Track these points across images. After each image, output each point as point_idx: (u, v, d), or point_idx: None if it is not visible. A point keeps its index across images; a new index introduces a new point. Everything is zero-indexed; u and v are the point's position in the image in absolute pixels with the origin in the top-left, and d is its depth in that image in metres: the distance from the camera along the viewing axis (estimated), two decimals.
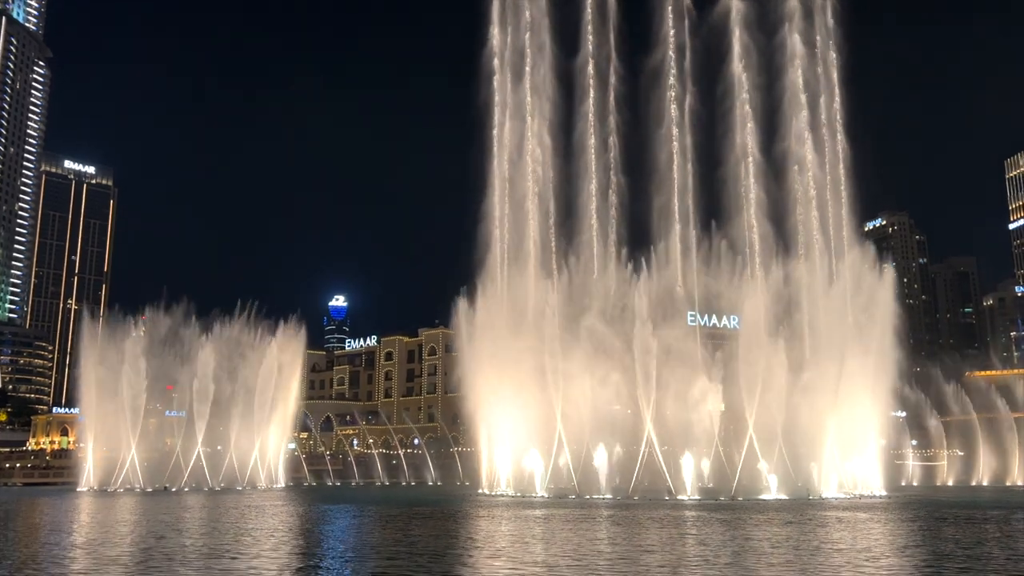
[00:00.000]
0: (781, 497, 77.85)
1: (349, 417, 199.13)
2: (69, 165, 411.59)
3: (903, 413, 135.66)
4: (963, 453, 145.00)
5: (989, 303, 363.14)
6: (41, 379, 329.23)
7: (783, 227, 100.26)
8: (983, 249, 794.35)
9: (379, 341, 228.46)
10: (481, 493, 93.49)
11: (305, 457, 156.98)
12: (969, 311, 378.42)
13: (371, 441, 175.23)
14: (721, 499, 76.05)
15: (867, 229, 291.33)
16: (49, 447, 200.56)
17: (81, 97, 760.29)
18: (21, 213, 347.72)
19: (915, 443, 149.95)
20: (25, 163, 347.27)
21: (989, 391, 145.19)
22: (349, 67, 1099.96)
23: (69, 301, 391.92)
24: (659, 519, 52.08)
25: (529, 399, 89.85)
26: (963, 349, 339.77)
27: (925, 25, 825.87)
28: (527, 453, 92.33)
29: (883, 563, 31.25)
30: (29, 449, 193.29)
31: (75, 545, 39.06)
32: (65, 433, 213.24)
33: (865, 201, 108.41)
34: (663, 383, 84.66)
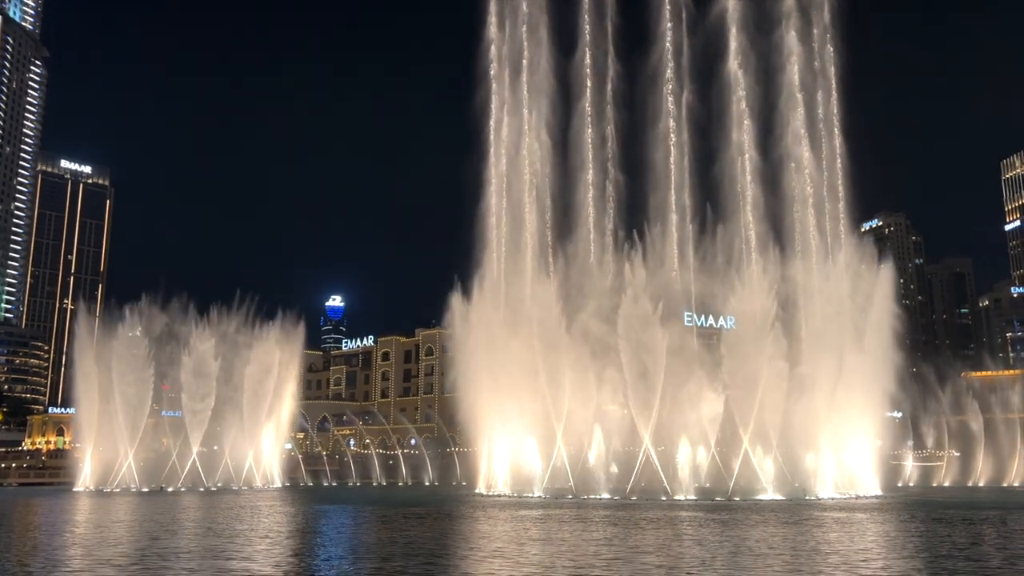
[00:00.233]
0: (778, 498, 77.85)
1: (346, 417, 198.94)
2: (65, 165, 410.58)
3: (899, 414, 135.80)
4: (959, 454, 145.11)
5: (985, 304, 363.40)
6: (37, 379, 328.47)
7: (780, 226, 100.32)
8: (979, 250, 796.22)
9: (376, 341, 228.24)
10: (478, 493, 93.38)
11: (302, 457, 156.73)
12: (965, 312, 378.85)
13: (368, 441, 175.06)
14: (718, 499, 76.04)
15: (864, 229, 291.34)
16: (45, 447, 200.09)
17: (78, 96, 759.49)
18: (17, 212, 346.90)
19: (911, 444, 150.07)
20: (21, 162, 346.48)
21: (985, 392, 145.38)
22: (347, 67, 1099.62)
23: (65, 301, 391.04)
24: (656, 520, 52.03)
25: (525, 399, 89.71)
26: (959, 350, 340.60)
27: (922, 26, 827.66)
28: (524, 453, 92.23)
29: (880, 564, 31.21)
30: (25, 449, 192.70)
31: (69, 545, 38.90)
32: (61, 433, 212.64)
33: (862, 202, 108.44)
34: (660, 383, 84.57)
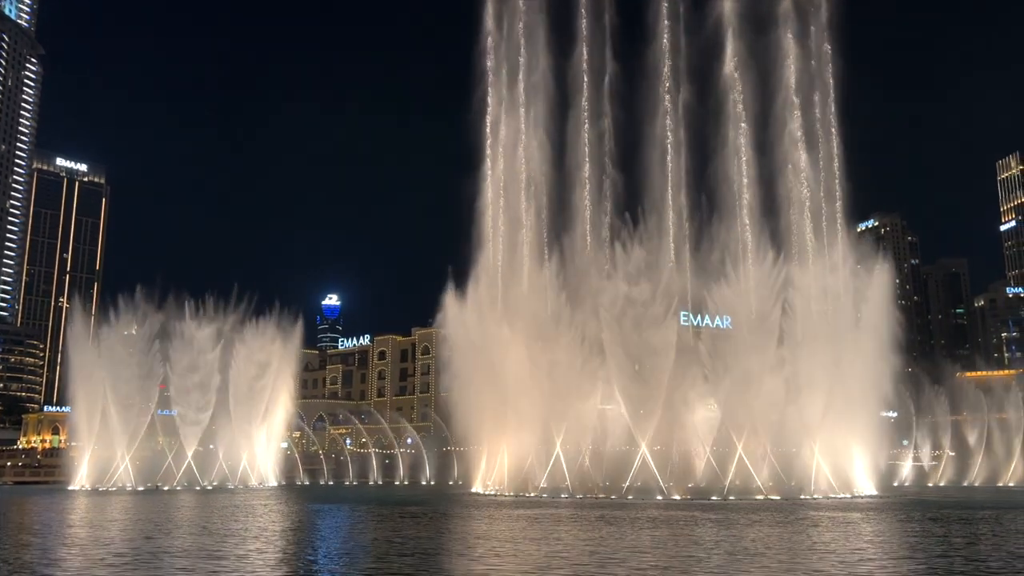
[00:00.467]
0: (773, 497, 77.94)
1: (342, 416, 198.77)
2: (61, 163, 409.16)
3: (894, 414, 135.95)
4: (955, 454, 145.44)
5: (980, 304, 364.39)
6: (32, 377, 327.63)
7: (776, 226, 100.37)
8: (975, 250, 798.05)
9: (372, 340, 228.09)
10: (475, 493, 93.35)
11: (298, 456, 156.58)
12: (960, 312, 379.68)
13: (364, 440, 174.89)
14: (713, 499, 76.11)
15: (860, 230, 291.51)
16: (40, 446, 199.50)
17: (73, 94, 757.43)
18: (12, 211, 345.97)
19: (906, 443, 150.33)
20: (17, 160, 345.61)
21: (980, 392, 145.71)
22: (345, 65, 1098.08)
23: (61, 299, 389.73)
24: (652, 519, 52.04)
25: (521, 398, 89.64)
26: (954, 350, 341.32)
27: (918, 26, 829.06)
28: (521, 452, 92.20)
29: (876, 564, 31.24)
30: (20, 448, 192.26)
31: (63, 544, 38.80)
32: (56, 432, 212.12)
33: (858, 202, 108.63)
34: (656, 383, 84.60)
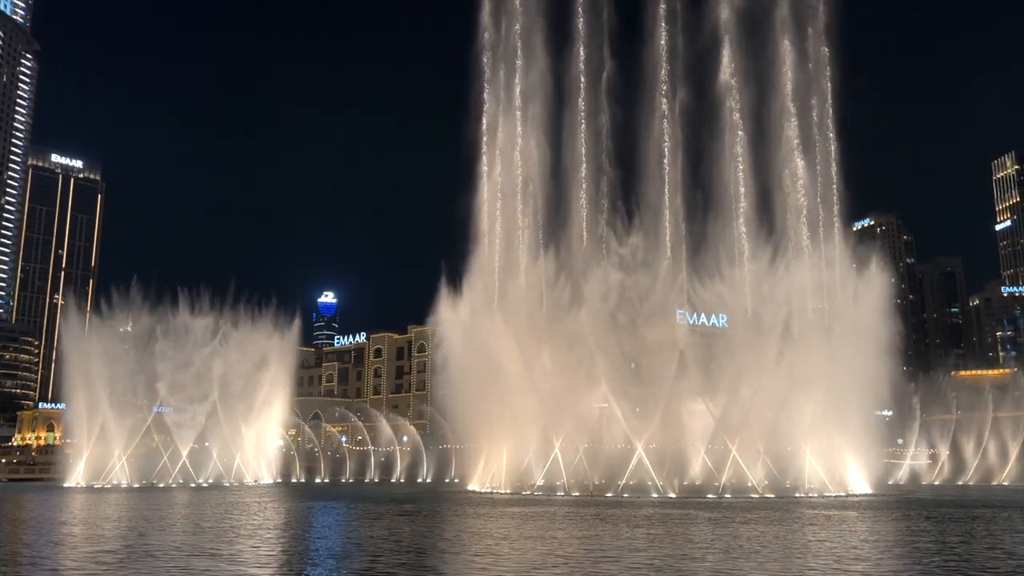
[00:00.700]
0: (768, 496, 78.07)
1: (338, 413, 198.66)
2: (56, 159, 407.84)
3: (889, 412, 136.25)
4: (949, 452, 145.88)
5: (975, 303, 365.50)
6: (27, 374, 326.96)
7: (773, 226, 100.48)
8: (970, 250, 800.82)
9: (368, 338, 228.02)
10: (472, 490, 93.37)
11: (294, 454, 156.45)
12: (955, 311, 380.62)
13: (360, 438, 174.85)
14: (709, 497, 76.22)
15: (855, 229, 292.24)
16: (35, 443, 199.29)
17: (69, 91, 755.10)
18: (7, 207, 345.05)
19: (901, 442, 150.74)
20: (12, 157, 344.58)
21: (975, 391, 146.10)
22: (342, 62, 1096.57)
23: (56, 296, 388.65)
24: (647, 517, 52.08)
25: (516, 396, 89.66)
26: (949, 349, 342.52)
27: (915, 27, 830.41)
28: (517, 450, 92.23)
29: (871, 561, 31.29)
30: (15, 444, 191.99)
31: (55, 542, 38.69)
32: (51, 429, 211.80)
33: (854, 201, 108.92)
34: (652, 381, 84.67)
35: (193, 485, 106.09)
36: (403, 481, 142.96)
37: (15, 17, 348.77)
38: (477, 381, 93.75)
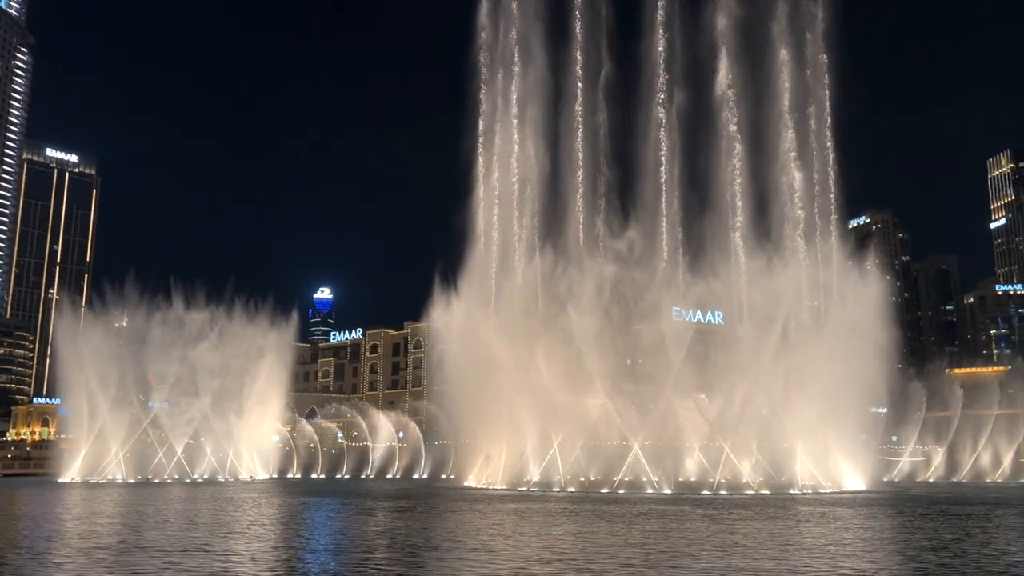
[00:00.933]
0: (763, 492, 78.27)
1: (334, 409, 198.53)
2: (51, 153, 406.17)
3: (884, 409, 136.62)
4: (944, 450, 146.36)
5: (970, 301, 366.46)
6: (22, 369, 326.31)
7: (769, 225, 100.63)
8: (965, 248, 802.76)
9: (364, 334, 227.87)
10: (468, 486, 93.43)
11: (290, 450, 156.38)
12: (950, 309, 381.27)
13: (356, 434, 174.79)
14: (704, 493, 76.38)
15: (851, 227, 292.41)
16: (30, 438, 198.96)
17: (64, 84, 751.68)
18: (2, 201, 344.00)
19: (895, 439, 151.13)
20: (6, 151, 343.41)
21: (969, 388, 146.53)
22: (338, 57, 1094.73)
23: (51, 291, 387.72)
24: (643, 513, 52.19)
25: (512, 393, 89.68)
26: (944, 346, 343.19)
27: (911, 26, 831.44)
28: (513, 447, 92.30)
29: (867, 558, 31.39)
30: (9, 440, 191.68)
31: (47, 538, 38.63)
32: (46, 424, 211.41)
33: (849, 199, 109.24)
34: (648, 378, 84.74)
35: (188, 481, 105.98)
36: (399, 477, 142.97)
37: (10, 11, 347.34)
38: (473, 378, 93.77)
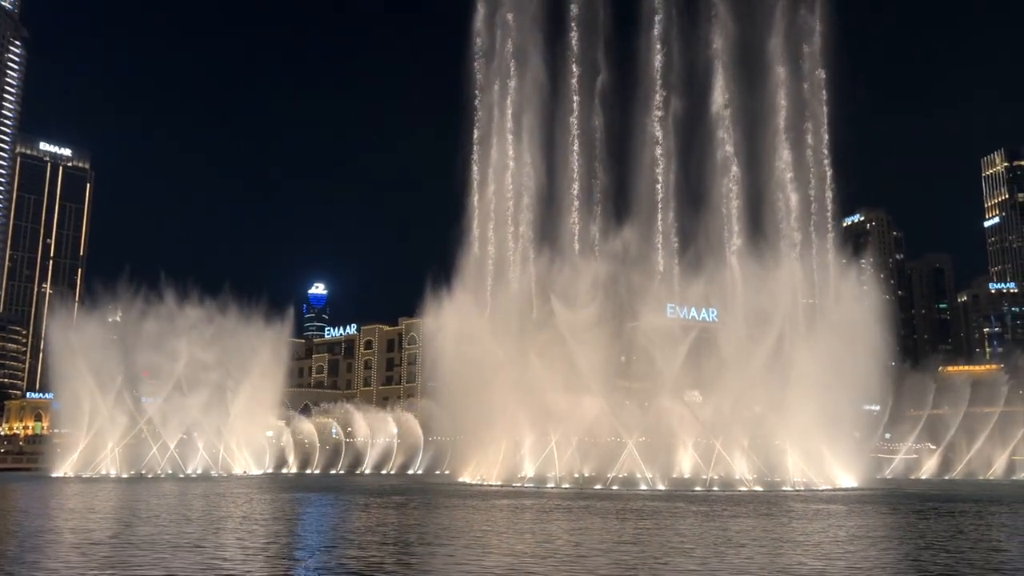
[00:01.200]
0: (756, 489, 78.44)
1: (328, 405, 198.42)
2: (45, 147, 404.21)
3: (877, 407, 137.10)
4: (937, 447, 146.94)
5: (963, 299, 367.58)
6: (15, 364, 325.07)
7: (765, 224, 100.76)
8: (959, 246, 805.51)
9: (359, 330, 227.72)
10: (463, 482, 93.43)
11: (284, 445, 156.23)
12: (944, 307, 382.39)
13: (351, 429, 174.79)
14: (697, 490, 76.51)
15: (845, 225, 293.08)
16: (23, 432, 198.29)
17: (59, 79, 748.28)
18: None
19: (889, 437, 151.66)
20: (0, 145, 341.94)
21: (963, 386, 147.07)
22: (334, 53, 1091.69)
23: (44, 285, 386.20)
24: (637, 509, 52.25)
25: (508, 391, 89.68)
26: (937, 344, 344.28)
27: (906, 25, 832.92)
28: (508, 443, 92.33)
29: (861, 555, 31.45)
30: (2, 434, 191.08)
31: (39, 533, 38.51)
32: (39, 418, 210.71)
33: (844, 198, 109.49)
34: (641, 375, 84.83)
35: (181, 476, 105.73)
36: (394, 473, 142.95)
37: (3, 4, 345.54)
38: (468, 375, 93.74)
